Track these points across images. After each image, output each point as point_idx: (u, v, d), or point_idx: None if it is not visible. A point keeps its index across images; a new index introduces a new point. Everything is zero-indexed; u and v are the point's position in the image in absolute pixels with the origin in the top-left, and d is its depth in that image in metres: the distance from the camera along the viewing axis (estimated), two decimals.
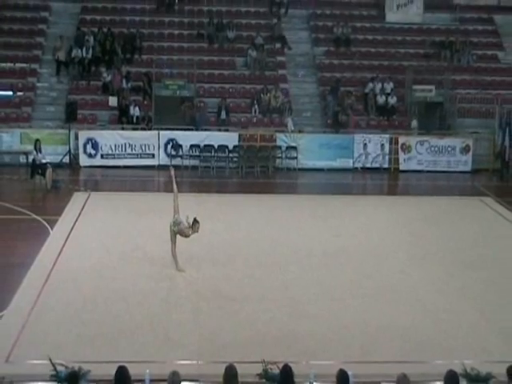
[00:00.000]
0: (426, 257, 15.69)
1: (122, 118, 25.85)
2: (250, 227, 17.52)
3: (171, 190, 14.74)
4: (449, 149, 25.35)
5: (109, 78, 26.88)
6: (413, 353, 11.04)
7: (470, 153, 25.31)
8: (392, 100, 27.24)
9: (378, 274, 14.50)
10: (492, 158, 24.75)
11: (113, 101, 26.27)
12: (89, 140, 24.45)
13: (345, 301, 13.10)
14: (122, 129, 25.38)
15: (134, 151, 24.64)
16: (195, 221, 14.02)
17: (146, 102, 26.35)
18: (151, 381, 8.97)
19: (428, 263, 15.28)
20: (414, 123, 26.20)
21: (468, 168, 25.24)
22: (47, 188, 20.97)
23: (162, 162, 24.61)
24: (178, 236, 14.20)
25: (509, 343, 11.56)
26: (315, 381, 9.08)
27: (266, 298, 13.03)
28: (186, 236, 14.21)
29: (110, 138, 24.56)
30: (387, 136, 25.41)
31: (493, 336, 11.85)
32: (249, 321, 12.08)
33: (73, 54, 27.55)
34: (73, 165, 24.11)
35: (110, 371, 8.45)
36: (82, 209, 18.75)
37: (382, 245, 16.40)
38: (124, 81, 26.79)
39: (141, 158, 24.66)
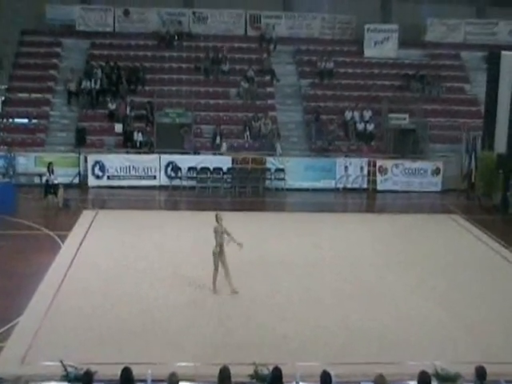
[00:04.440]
0: (399, 265, 15.76)
1: (127, 143, 25.86)
2: (242, 241, 17.49)
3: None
4: (421, 171, 25.46)
5: (115, 107, 26.93)
6: (389, 353, 11.08)
7: (440, 175, 25.41)
8: (370, 127, 27.37)
9: (357, 280, 14.58)
10: (460, 180, 24.83)
11: (118, 127, 26.29)
12: (96, 163, 24.42)
13: (327, 304, 13.17)
14: (127, 153, 25.35)
15: (137, 173, 24.62)
16: (216, 216, 13.88)
17: (148, 129, 26.36)
18: (153, 381, 8.97)
19: (402, 271, 15.36)
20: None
21: (438, 188, 25.32)
22: (59, 206, 20.93)
23: (162, 183, 24.62)
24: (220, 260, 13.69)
25: (474, 340, 11.60)
26: (301, 381, 9.09)
27: (256, 304, 13.06)
28: (220, 230, 13.72)
29: (116, 161, 24.56)
30: (366, 159, 25.48)
31: (460, 334, 11.91)
32: (241, 324, 12.11)
33: (82, 85, 27.61)
34: (82, 185, 24.07)
35: (116, 372, 8.46)
36: (91, 225, 18.74)
37: (360, 255, 16.46)
38: (128, 109, 26.84)
39: (143, 179, 24.63)
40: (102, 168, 24.41)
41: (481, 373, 8.48)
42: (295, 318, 12.38)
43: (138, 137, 25.76)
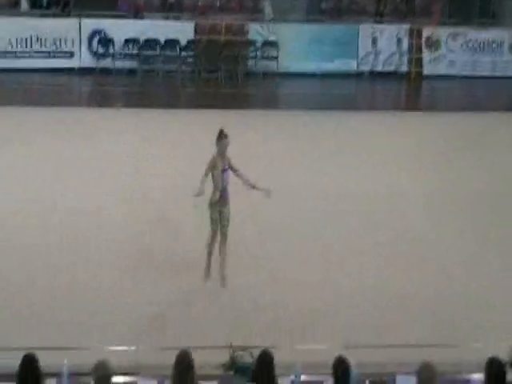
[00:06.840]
0: (452, 202, 15.78)
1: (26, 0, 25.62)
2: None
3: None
4: (494, 45, 25.43)
5: None
6: (439, 332, 11.18)
7: None
8: None
9: (389, 226, 14.61)
10: None
11: None
12: None
13: (345, 260, 13.21)
14: (26, 15, 25.10)
15: (44, 48, 24.45)
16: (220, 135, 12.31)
17: None
18: (72, 375, 9.01)
19: (454, 212, 15.38)
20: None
21: None
22: None
23: (84, 64, 24.53)
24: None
25: None
26: (302, 373, 9.12)
27: (235, 253, 12.95)
28: (221, 164, 12.11)
29: (9, 29, 24.33)
30: (406, 26, 25.38)
31: None
32: (209, 289, 12.14)
33: None
34: None
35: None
36: None
37: (394, 184, 16.44)
38: None
39: (54, 57, 24.51)
40: None
41: None
42: (294, 280, 12.41)
43: None
